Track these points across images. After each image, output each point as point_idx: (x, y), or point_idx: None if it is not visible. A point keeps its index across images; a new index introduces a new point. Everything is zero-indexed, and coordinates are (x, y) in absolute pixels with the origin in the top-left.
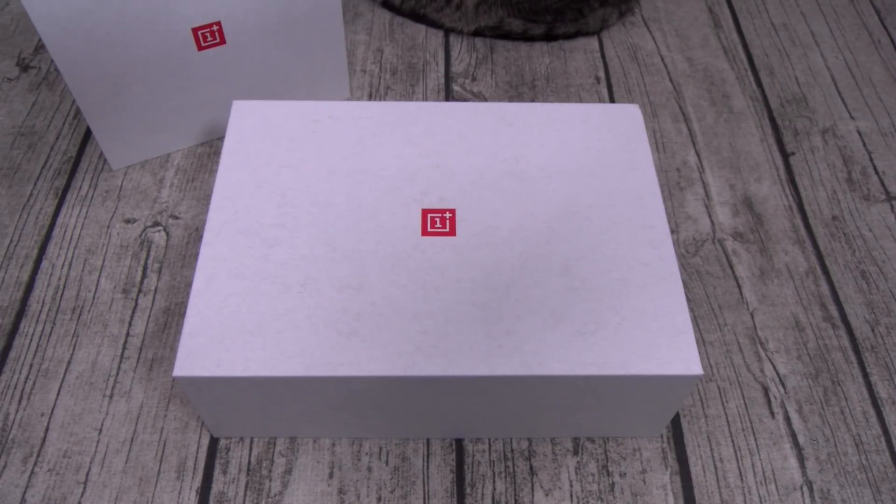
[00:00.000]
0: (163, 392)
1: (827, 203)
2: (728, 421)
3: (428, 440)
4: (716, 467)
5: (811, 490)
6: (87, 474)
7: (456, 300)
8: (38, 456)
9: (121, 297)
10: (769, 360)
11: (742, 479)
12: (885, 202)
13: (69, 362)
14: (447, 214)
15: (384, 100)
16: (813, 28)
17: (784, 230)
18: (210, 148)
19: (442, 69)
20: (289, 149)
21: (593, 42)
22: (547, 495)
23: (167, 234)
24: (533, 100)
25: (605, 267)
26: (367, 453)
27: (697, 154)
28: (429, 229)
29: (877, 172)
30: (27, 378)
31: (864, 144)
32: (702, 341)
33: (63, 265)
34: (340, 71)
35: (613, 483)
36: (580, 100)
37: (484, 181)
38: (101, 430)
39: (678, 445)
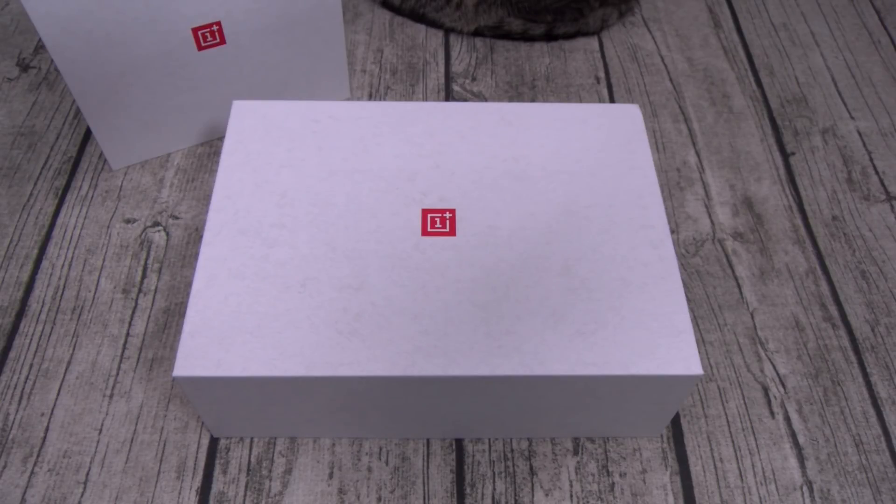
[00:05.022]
0: (163, 392)
1: (827, 203)
2: (728, 421)
3: (428, 440)
4: (716, 467)
5: (811, 490)
6: (87, 474)
7: (456, 300)
8: (38, 456)
9: (121, 297)
10: (769, 360)
11: (742, 479)
12: (885, 202)
13: (69, 362)
14: (447, 214)
15: (384, 100)
16: (813, 28)
17: (784, 230)
18: (210, 148)
19: (442, 69)
20: (289, 149)
21: (593, 42)
22: (547, 495)
23: (167, 234)
24: (533, 100)
25: (605, 267)
26: (367, 453)
27: (697, 154)
28: (429, 229)
29: (877, 172)
30: (27, 378)
31: (864, 144)
32: (702, 341)
33: (63, 265)
34: (340, 71)
35: (613, 483)
36: (580, 100)
37: (484, 181)
38: (101, 430)
39: (678, 445)
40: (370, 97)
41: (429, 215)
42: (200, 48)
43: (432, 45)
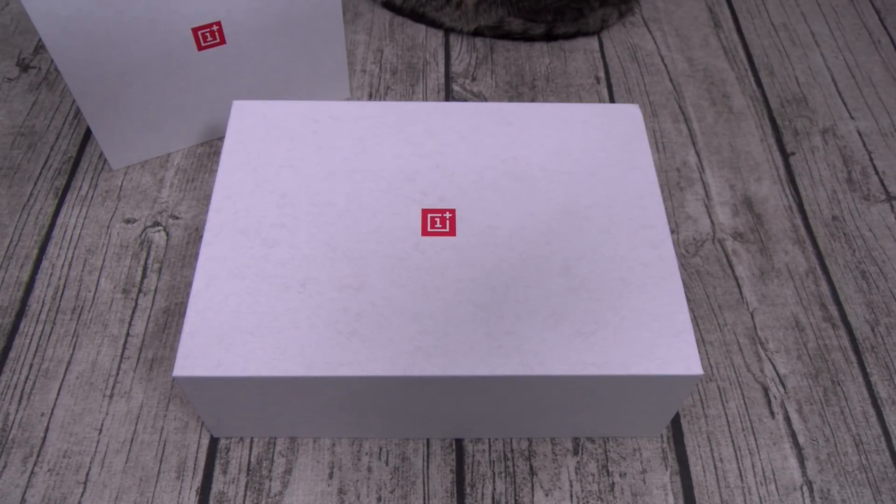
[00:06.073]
0: (163, 392)
1: (827, 203)
2: (728, 421)
3: (428, 440)
4: (716, 467)
5: (811, 490)
6: (87, 474)
7: (456, 300)
8: (38, 456)
9: (121, 297)
10: (769, 360)
11: (742, 479)
12: (885, 202)
13: (69, 362)
14: (447, 214)
15: (384, 100)
16: (813, 28)
17: (784, 230)
18: (210, 148)
19: (442, 69)
20: (289, 149)
21: (593, 42)
22: (547, 495)
23: (167, 234)
24: (533, 100)
25: (605, 267)
26: (367, 453)
27: (697, 154)
28: (429, 229)
29: (877, 172)
30: (27, 378)
31: (864, 144)
32: (702, 341)
33: (63, 265)
34: (340, 71)
35: (613, 483)
36: (580, 100)
37: (484, 181)
38: (101, 430)
39: (678, 445)
40: (370, 97)
41: (429, 215)
42: (200, 48)
43: (432, 45)
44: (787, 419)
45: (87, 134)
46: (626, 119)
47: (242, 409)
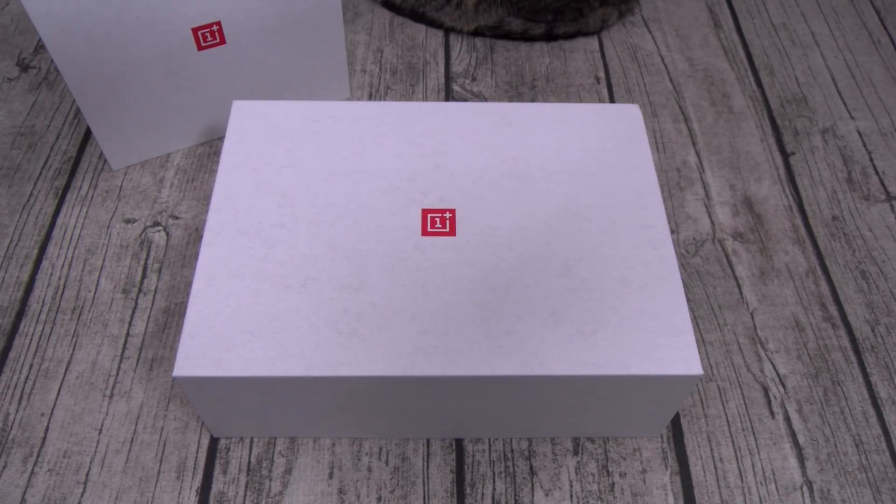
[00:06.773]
0: (163, 392)
1: (827, 203)
2: (728, 421)
3: (428, 440)
4: (716, 467)
5: (811, 490)
6: (87, 474)
7: (456, 300)
8: (38, 456)
9: (121, 297)
10: (769, 360)
11: (742, 479)
12: (885, 202)
13: (69, 362)
14: (447, 214)
15: (384, 100)
16: (813, 28)
17: (784, 230)
18: (210, 148)
19: (442, 69)
20: (289, 149)
21: (593, 42)
22: (547, 495)
23: (167, 234)
24: (533, 100)
25: (605, 267)
26: (367, 453)
27: (697, 154)
28: (429, 229)
29: (877, 172)
30: (27, 378)
31: (864, 144)
32: (702, 341)
33: (63, 265)
34: (340, 71)
35: (613, 483)
36: (580, 100)
37: (484, 181)
38: (101, 430)
39: (678, 445)
40: (370, 97)
41: (429, 215)
42: (200, 48)
43: (432, 45)
44: (787, 419)
45: (87, 134)
46: (626, 119)
47: (242, 409)
